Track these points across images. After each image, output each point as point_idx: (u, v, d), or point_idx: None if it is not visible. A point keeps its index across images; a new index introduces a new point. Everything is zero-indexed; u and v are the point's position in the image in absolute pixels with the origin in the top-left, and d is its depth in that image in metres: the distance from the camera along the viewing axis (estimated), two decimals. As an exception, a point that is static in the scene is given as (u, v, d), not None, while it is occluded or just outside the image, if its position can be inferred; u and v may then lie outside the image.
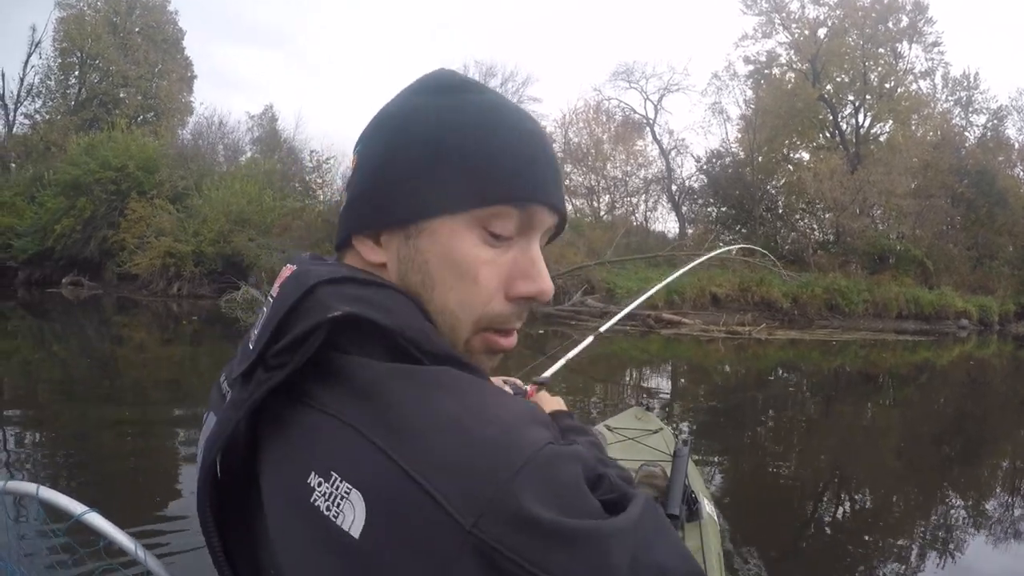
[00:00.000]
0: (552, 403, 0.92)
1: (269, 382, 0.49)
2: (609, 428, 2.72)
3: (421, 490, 0.41)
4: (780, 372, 11.04)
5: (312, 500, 0.44)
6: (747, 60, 27.70)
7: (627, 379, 8.96)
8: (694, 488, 1.86)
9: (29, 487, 0.95)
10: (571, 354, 1.89)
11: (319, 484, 0.45)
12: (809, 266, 23.21)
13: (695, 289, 20.48)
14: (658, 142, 29.59)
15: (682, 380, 9.64)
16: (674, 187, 29.18)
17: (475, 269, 0.56)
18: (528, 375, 1.28)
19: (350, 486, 0.43)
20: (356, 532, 0.42)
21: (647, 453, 2.40)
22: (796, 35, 25.65)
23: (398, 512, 0.42)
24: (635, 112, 30.24)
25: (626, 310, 2.64)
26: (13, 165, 26.69)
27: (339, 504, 0.43)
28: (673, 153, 29.65)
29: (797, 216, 27.95)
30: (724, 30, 64.24)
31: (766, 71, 27.46)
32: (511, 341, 0.60)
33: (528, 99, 30.85)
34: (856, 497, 4.50)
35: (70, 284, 21.67)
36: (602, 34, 56.05)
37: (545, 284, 0.58)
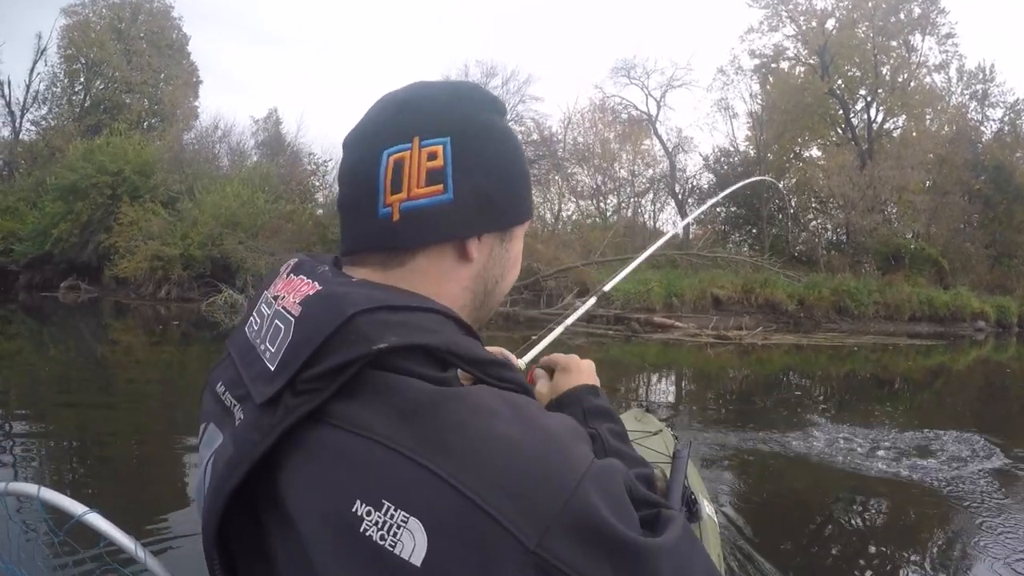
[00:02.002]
0: (581, 373, 0.88)
1: (301, 408, 0.49)
2: None
3: (482, 512, 0.43)
4: (785, 378, 10.46)
5: (363, 530, 0.44)
6: (753, 54, 26.87)
7: (625, 386, 8.48)
8: (694, 489, 1.72)
9: (30, 488, 0.96)
10: (558, 330, 1.78)
11: (368, 513, 0.44)
12: (819, 267, 22.41)
13: (695, 291, 19.82)
14: (660, 140, 28.89)
15: (682, 386, 9.23)
16: (677, 186, 28.43)
17: (520, 262, 0.71)
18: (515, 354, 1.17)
19: (407, 515, 0.44)
20: (418, 560, 0.43)
21: (646, 454, 2.21)
22: (803, 27, 24.80)
23: (461, 537, 0.43)
24: (636, 108, 29.57)
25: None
26: (18, 173, 27.12)
27: (396, 533, 0.43)
28: (676, 151, 28.89)
29: (810, 216, 27.13)
30: (728, 23, 62.42)
31: (773, 65, 26.61)
32: None
33: (529, 98, 30.55)
34: (867, 504, 4.21)
35: (68, 288, 21.88)
36: (601, 26, 55.21)
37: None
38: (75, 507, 0.92)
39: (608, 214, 28.45)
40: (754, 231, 26.83)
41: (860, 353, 13.45)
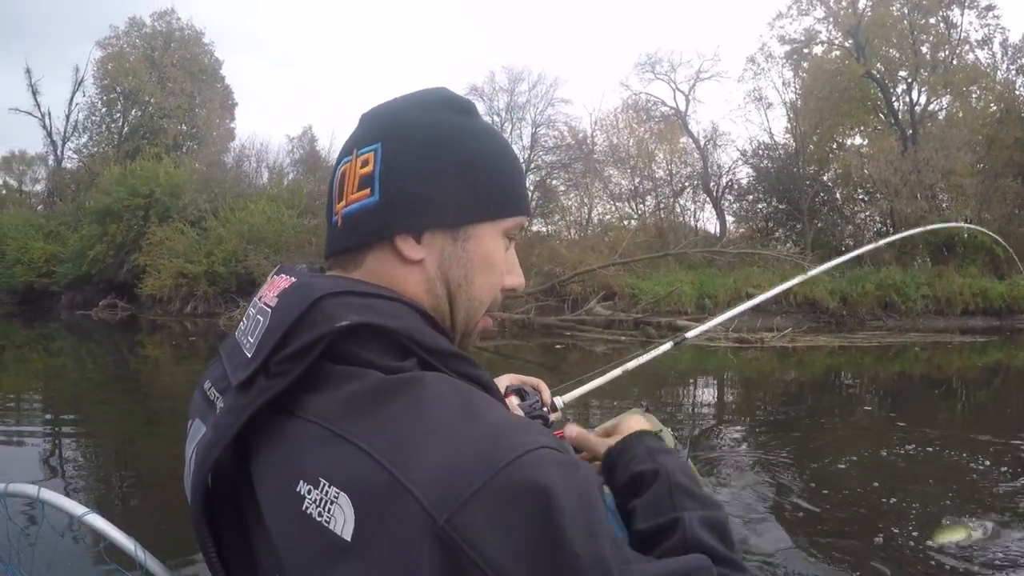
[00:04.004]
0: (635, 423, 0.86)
1: (272, 389, 0.52)
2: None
3: (401, 486, 0.44)
4: (829, 381, 9.72)
5: (304, 508, 0.46)
6: (783, 40, 25.78)
7: (660, 399, 7.98)
8: None
9: (30, 489, 0.97)
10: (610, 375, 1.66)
11: (309, 491, 0.47)
12: (865, 260, 21.22)
13: (729, 291, 18.96)
14: (691, 135, 28.01)
15: (724, 396, 8.65)
16: (711, 183, 27.50)
17: (500, 266, 0.68)
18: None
19: (338, 490, 0.45)
20: (348, 534, 0.44)
21: None
22: (834, 8, 23.68)
23: (381, 510, 0.44)
24: (664, 104, 28.79)
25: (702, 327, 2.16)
26: (59, 199, 28.41)
27: (329, 509, 0.45)
28: (710, 146, 27.95)
29: (857, 208, 25.84)
30: (754, 10, 58.80)
31: (805, 50, 25.51)
32: (491, 322, 0.70)
33: (558, 101, 30.16)
34: (894, 510, 3.71)
35: (106, 306, 22.65)
36: (617, 22, 54.16)
37: (522, 279, 0.71)
38: (75, 508, 0.92)
39: (647, 215, 27.75)
40: (798, 226, 25.69)
41: (910, 352, 12.49)
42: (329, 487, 0.46)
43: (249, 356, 0.55)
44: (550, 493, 0.44)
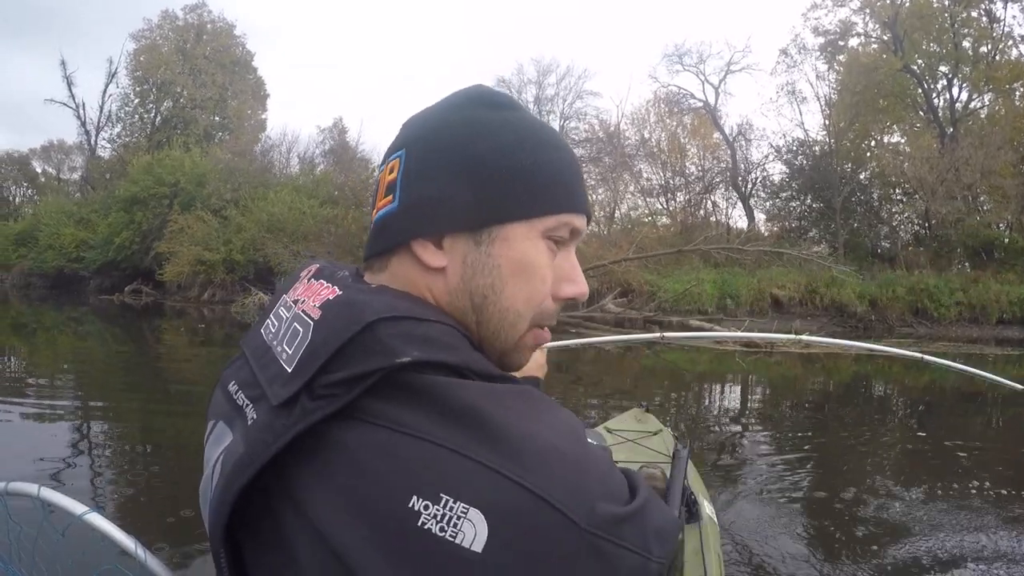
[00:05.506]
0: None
1: (319, 412, 0.50)
2: (609, 430, 2.69)
3: (539, 499, 0.47)
4: (849, 389, 9.29)
5: (421, 524, 0.47)
6: (817, 31, 24.93)
7: (670, 402, 7.75)
8: (693, 490, 1.82)
9: (30, 487, 0.97)
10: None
11: (426, 507, 0.47)
12: (900, 263, 20.39)
13: (752, 291, 18.38)
14: (720, 129, 27.32)
15: (749, 400, 8.34)
16: (742, 178, 26.77)
17: (543, 272, 0.62)
18: None
19: (467, 506, 0.47)
20: (479, 547, 0.46)
21: (646, 455, 2.39)
22: (872, -1, 22.79)
23: (520, 522, 0.47)
24: (693, 97, 28.14)
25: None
26: (90, 187, 29.20)
27: (456, 524, 0.46)
28: (741, 141, 27.23)
29: (895, 209, 24.86)
30: (787, 1, 57.61)
31: (840, 43, 24.61)
32: (548, 335, 0.67)
33: (587, 94, 29.81)
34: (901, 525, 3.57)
35: (132, 292, 23.20)
36: (649, 11, 52.93)
37: (584, 287, 0.65)
38: (75, 507, 0.92)
39: (676, 211, 27.24)
40: (832, 226, 24.86)
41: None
42: (455, 503, 0.46)
43: (289, 371, 0.52)
44: (621, 488, 0.53)
